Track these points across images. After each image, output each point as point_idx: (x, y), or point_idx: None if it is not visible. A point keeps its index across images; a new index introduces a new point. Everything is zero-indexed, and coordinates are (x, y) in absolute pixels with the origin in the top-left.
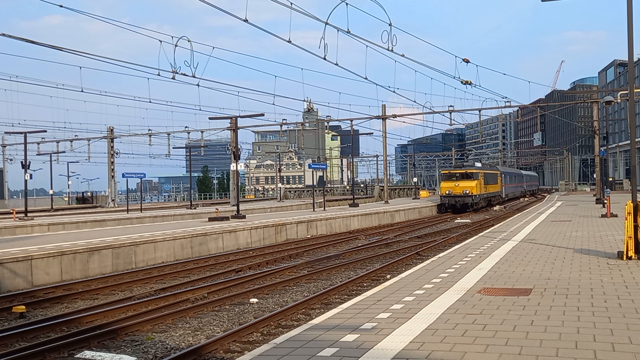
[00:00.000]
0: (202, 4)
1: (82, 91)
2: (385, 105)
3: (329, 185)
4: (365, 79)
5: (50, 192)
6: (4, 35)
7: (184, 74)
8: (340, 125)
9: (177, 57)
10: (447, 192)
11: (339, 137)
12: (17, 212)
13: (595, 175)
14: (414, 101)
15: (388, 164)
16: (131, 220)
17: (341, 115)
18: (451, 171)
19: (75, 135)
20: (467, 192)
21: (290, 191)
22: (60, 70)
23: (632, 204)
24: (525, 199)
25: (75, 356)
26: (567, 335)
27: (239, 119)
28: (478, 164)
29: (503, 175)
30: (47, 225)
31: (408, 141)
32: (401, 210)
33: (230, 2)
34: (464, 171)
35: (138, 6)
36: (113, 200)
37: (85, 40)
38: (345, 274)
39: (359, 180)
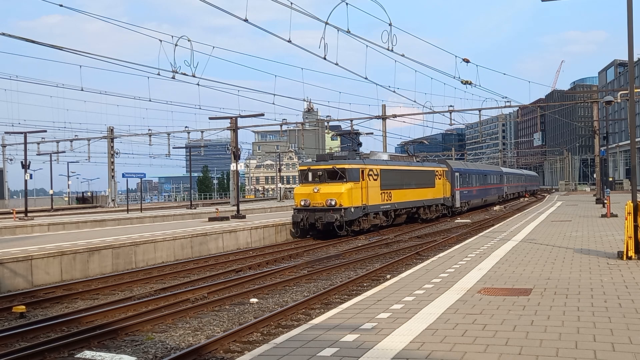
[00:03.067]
0: (201, 3)
1: (82, 90)
2: (385, 105)
3: None
4: (365, 78)
5: (50, 192)
6: (4, 34)
7: (184, 74)
8: (340, 125)
9: (177, 56)
10: (302, 202)
11: (338, 137)
12: (17, 212)
13: (595, 175)
14: (414, 101)
15: None
16: (131, 220)
17: (341, 115)
18: (311, 167)
19: (75, 135)
20: (333, 202)
21: (290, 191)
22: (60, 70)
23: (632, 204)
24: (525, 199)
25: (75, 356)
26: (567, 335)
27: (239, 118)
28: (383, 156)
29: (457, 174)
30: (47, 225)
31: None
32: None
33: (230, 2)
34: (331, 167)
35: (136, 5)
36: (113, 200)
37: (84, 40)
38: (345, 274)
39: None
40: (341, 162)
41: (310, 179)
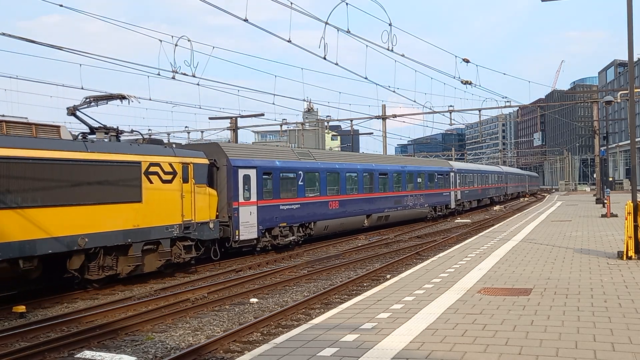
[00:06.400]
0: (201, 3)
1: (82, 89)
2: (385, 105)
3: None
4: (365, 79)
5: None
6: (4, 34)
7: (184, 74)
8: (340, 125)
9: (177, 56)
10: None
11: (338, 137)
12: None
13: (595, 175)
14: (414, 101)
15: None
16: None
17: (341, 115)
18: None
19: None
20: None
21: None
22: (59, 70)
23: (632, 204)
24: (526, 199)
25: (75, 356)
26: (567, 335)
27: (239, 118)
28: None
29: (246, 175)
30: None
31: (408, 141)
32: None
33: (230, 2)
34: None
35: (135, 5)
36: None
37: (83, 40)
38: (345, 273)
39: None
40: None
41: None
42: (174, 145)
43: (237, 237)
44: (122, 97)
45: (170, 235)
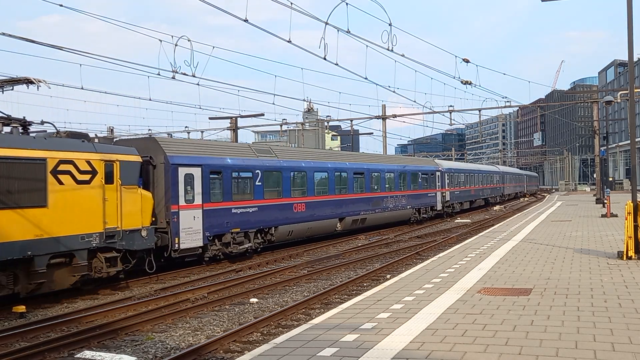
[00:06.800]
0: (201, 3)
1: (82, 89)
2: (385, 105)
3: None
4: (365, 79)
5: None
6: (4, 34)
7: (184, 74)
8: (340, 125)
9: (177, 56)
10: None
11: (339, 137)
12: None
13: (595, 175)
14: (414, 101)
15: None
16: None
17: (341, 115)
18: None
19: None
20: None
21: None
22: (59, 70)
23: (632, 204)
24: (525, 199)
25: (75, 356)
26: (567, 335)
27: (239, 118)
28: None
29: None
30: None
31: (408, 141)
32: None
33: (230, 2)
34: None
35: (135, 5)
36: None
37: (83, 40)
38: (345, 273)
39: None
40: None
41: None
42: (96, 140)
43: (176, 245)
44: (28, 82)
45: (88, 246)
